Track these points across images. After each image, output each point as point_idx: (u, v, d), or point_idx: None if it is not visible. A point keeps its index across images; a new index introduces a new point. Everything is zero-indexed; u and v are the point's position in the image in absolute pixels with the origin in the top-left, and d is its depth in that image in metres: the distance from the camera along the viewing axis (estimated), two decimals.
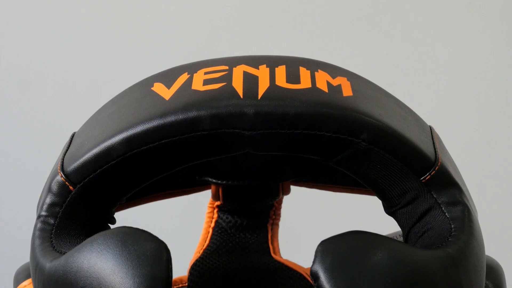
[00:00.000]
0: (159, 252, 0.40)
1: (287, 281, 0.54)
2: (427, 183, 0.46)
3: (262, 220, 0.60)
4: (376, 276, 0.39)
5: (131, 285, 0.39)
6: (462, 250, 0.43)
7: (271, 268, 0.56)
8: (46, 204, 0.48)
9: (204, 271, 0.55)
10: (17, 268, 0.53)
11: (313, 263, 0.39)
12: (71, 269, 0.41)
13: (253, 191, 0.58)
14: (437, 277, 0.40)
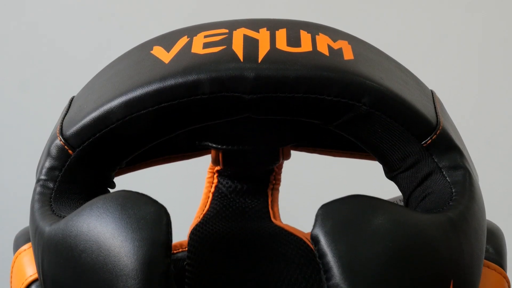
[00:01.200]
0: (159, 215, 0.40)
1: (287, 245, 0.54)
2: (428, 147, 0.46)
3: (262, 185, 0.60)
4: (377, 239, 0.38)
5: (131, 249, 0.39)
6: (463, 214, 0.42)
7: (271, 233, 0.56)
8: (45, 168, 0.47)
9: (204, 236, 0.55)
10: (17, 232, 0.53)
11: (313, 227, 0.39)
12: (70, 232, 0.41)
13: (253, 155, 0.58)
14: (438, 241, 0.40)
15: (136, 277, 0.38)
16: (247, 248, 0.54)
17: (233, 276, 0.52)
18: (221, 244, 0.54)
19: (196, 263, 0.53)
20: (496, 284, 0.46)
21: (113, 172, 0.49)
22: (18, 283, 0.49)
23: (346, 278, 0.38)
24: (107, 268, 0.39)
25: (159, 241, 0.39)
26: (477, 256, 0.43)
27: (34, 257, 0.46)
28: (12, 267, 0.50)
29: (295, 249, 0.54)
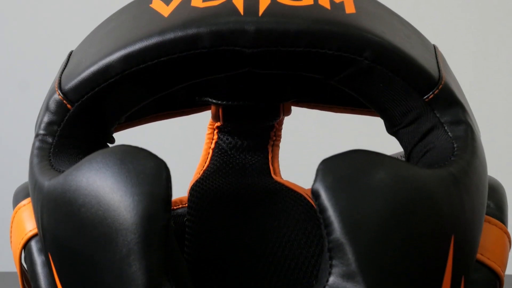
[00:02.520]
0: (159, 170, 0.40)
1: (288, 201, 0.54)
2: (430, 102, 0.46)
3: (262, 141, 0.60)
4: (378, 194, 0.38)
5: (130, 203, 0.39)
6: (464, 169, 0.42)
7: (271, 189, 0.56)
8: (44, 122, 0.47)
9: (204, 192, 0.55)
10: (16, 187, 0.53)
11: (314, 182, 0.39)
12: (69, 187, 0.41)
13: (253, 111, 0.58)
14: (439, 196, 0.40)
15: (136, 232, 0.38)
16: (247, 203, 0.54)
17: (233, 231, 0.52)
18: (221, 200, 0.54)
19: (196, 219, 0.53)
20: (497, 239, 0.46)
21: (113, 127, 0.49)
22: (17, 238, 0.49)
23: (347, 233, 0.37)
24: (106, 223, 0.39)
25: (158, 196, 0.39)
26: (478, 211, 0.43)
27: (33, 212, 0.46)
28: (12, 222, 0.50)
29: (295, 205, 0.54)
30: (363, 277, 0.37)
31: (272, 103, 0.58)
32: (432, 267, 0.39)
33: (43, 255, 0.46)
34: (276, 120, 0.59)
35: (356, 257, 0.37)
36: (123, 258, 0.38)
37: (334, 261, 0.38)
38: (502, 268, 0.46)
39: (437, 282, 0.39)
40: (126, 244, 0.38)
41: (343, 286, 0.37)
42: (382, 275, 0.37)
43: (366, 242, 0.37)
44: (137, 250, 0.38)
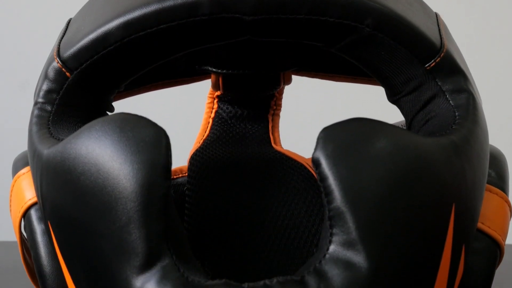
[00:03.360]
0: (158, 138, 0.39)
1: (288, 171, 0.54)
2: (431, 70, 0.45)
3: (262, 111, 0.59)
4: (378, 162, 0.38)
5: (130, 171, 0.38)
6: (466, 137, 0.42)
7: (272, 158, 0.55)
8: (43, 90, 0.47)
9: (204, 161, 0.54)
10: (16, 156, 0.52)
11: (314, 150, 0.39)
12: (69, 155, 0.41)
13: (253, 80, 0.57)
14: (440, 165, 0.40)
15: (135, 200, 0.38)
16: (247, 173, 0.54)
17: (233, 200, 0.52)
18: (221, 169, 0.54)
19: (196, 188, 0.53)
20: (498, 208, 0.46)
21: (112, 96, 0.48)
22: (17, 206, 0.49)
23: (348, 201, 0.37)
24: (106, 191, 0.39)
25: (158, 164, 0.39)
26: (480, 180, 0.43)
27: (32, 180, 0.46)
28: (11, 191, 0.50)
29: (295, 174, 0.54)
30: (364, 245, 0.37)
31: (272, 72, 0.57)
32: (433, 236, 0.39)
33: (43, 223, 0.46)
34: (277, 89, 0.58)
35: (357, 226, 0.37)
36: (122, 226, 0.38)
37: (335, 229, 0.37)
38: (503, 237, 0.45)
39: (438, 251, 0.39)
40: (125, 213, 0.38)
41: (344, 254, 0.37)
42: (383, 243, 0.37)
43: (367, 210, 0.37)
44: (137, 218, 0.38)
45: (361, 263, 0.37)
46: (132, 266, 0.38)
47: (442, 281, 0.39)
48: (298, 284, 0.37)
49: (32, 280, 0.53)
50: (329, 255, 0.37)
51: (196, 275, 0.38)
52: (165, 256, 0.38)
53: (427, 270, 0.39)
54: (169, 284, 0.37)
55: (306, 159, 0.56)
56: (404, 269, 0.38)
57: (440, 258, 0.39)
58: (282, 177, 0.54)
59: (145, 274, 0.37)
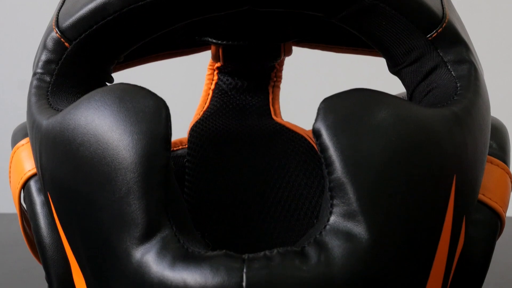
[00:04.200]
0: (158, 109, 0.39)
1: (288, 142, 0.54)
2: (433, 41, 0.45)
3: (263, 82, 0.59)
4: (380, 133, 0.38)
5: (130, 142, 0.38)
6: (467, 108, 0.42)
7: (272, 130, 0.55)
8: (42, 61, 0.47)
9: (204, 133, 0.54)
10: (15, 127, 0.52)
11: (315, 121, 0.38)
12: (68, 126, 0.40)
13: (254, 51, 0.57)
14: (441, 136, 0.39)
15: (135, 171, 0.38)
16: (248, 144, 0.54)
17: (233, 172, 0.52)
18: (221, 141, 0.54)
19: (196, 160, 0.52)
20: (499, 179, 0.46)
21: (111, 66, 0.48)
22: (16, 178, 0.48)
23: (348, 172, 0.37)
24: (105, 162, 0.38)
25: (158, 134, 0.38)
26: (481, 151, 0.42)
27: (32, 151, 0.46)
28: (11, 162, 0.50)
29: (296, 146, 0.53)
30: (364, 216, 0.37)
31: (273, 43, 0.57)
32: (434, 207, 0.39)
33: (42, 194, 0.46)
34: (277, 61, 0.58)
35: (358, 197, 0.37)
36: (122, 197, 0.38)
37: (335, 200, 0.37)
38: (504, 209, 0.45)
39: (439, 222, 0.39)
40: (125, 183, 0.38)
41: (344, 225, 0.37)
42: (384, 214, 0.37)
43: (367, 181, 0.37)
44: (137, 189, 0.38)
45: (361, 234, 0.37)
46: (131, 237, 0.38)
47: (442, 252, 0.39)
48: (298, 255, 0.36)
49: (32, 252, 0.53)
50: (330, 226, 0.37)
51: (196, 246, 0.38)
52: (165, 227, 0.38)
53: (428, 241, 0.38)
54: (169, 255, 0.37)
55: (306, 130, 0.56)
56: (405, 240, 0.37)
57: (441, 229, 0.39)
58: (283, 149, 0.53)
59: (144, 245, 0.37)
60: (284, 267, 0.36)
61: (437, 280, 0.40)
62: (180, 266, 0.36)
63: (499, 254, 0.63)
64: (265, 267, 0.36)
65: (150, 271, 0.37)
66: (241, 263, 0.36)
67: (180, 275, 0.36)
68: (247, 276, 0.36)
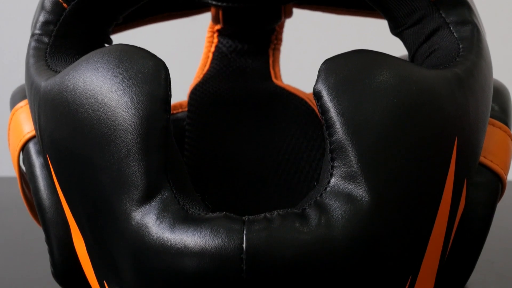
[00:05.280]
0: (157, 70, 0.39)
1: (288, 105, 0.53)
2: (435, 2, 0.44)
3: (263, 45, 0.59)
4: (381, 95, 0.37)
5: (129, 103, 0.38)
6: (470, 70, 0.41)
7: (272, 93, 0.55)
8: (40, 22, 0.46)
9: (204, 95, 0.54)
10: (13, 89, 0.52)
11: (316, 82, 0.38)
12: (66, 87, 0.40)
13: (254, 13, 0.57)
14: (443, 97, 0.39)
15: (135, 132, 0.38)
16: (248, 107, 0.54)
17: (233, 135, 0.52)
18: (221, 104, 0.54)
19: (196, 123, 0.52)
20: (501, 142, 0.46)
21: (110, 27, 0.47)
22: (15, 140, 0.48)
23: (349, 134, 0.37)
24: (104, 123, 0.38)
25: (157, 96, 0.38)
26: (483, 114, 0.42)
27: (30, 113, 0.45)
28: (9, 124, 0.49)
29: (296, 109, 0.53)
30: (365, 178, 0.36)
31: (273, 5, 0.56)
32: (435, 169, 0.38)
33: (41, 157, 0.46)
34: (277, 23, 0.58)
35: (359, 158, 0.37)
36: (121, 159, 0.38)
37: (336, 162, 0.37)
38: (505, 171, 0.45)
39: (440, 185, 0.39)
40: (125, 145, 0.38)
41: (345, 187, 0.37)
42: (385, 176, 0.37)
43: (369, 142, 0.37)
44: (136, 151, 0.37)
45: (362, 196, 0.36)
46: (131, 199, 0.37)
47: (443, 215, 0.39)
48: (298, 217, 0.36)
49: (32, 214, 0.53)
50: (330, 188, 0.37)
51: (196, 208, 0.37)
52: (164, 189, 0.37)
53: (429, 203, 0.38)
54: (168, 217, 0.37)
55: (307, 94, 0.55)
56: (406, 202, 0.37)
57: (442, 191, 0.39)
58: (283, 112, 0.53)
59: (144, 207, 0.37)
60: (284, 229, 0.36)
61: (437, 242, 0.40)
62: (180, 228, 0.36)
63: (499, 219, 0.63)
64: (265, 229, 0.36)
65: (150, 233, 0.37)
66: (241, 225, 0.36)
67: (180, 237, 0.36)
68: (247, 238, 0.36)
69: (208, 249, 0.36)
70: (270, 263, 0.35)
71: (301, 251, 0.35)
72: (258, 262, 0.35)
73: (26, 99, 0.48)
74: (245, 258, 0.35)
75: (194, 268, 0.36)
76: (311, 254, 0.36)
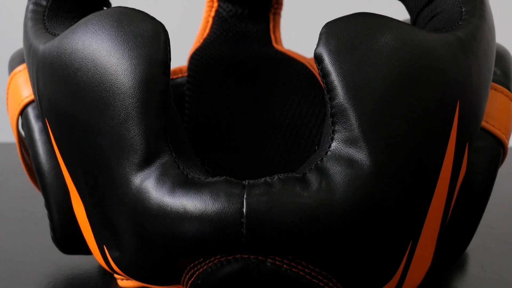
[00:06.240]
0: (157, 33, 0.38)
1: (289, 70, 0.53)
2: None
3: (263, 9, 0.58)
4: (383, 58, 0.37)
5: (128, 67, 0.38)
6: (472, 34, 0.41)
7: (273, 58, 0.55)
8: None
9: (204, 60, 0.54)
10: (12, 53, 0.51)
11: (317, 46, 0.38)
12: (65, 50, 0.40)
13: None
14: (446, 61, 0.39)
15: (134, 96, 0.37)
16: (248, 72, 0.53)
17: (233, 99, 0.51)
18: (222, 68, 0.53)
19: (196, 87, 0.52)
20: (503, 107, 0.45)
21: None
22: (14, 104, 0.48)
23: (350, 98, 0.36)
24: (103, 87, 0.38)
25: (157, 59, 0.38)
26: (485, 78, 0.42)
27: (29, 77, 0.45)
28: (8, 89, 0.49)
29: (297, 74, 0.53)
30: (367, 142, 0.36)
31: None
32: (437, 133, 0.38)
33: (40, 121, 0.46)
34: None
35: (360, 122, 0.36)
36: (121, 123, 0.37)
37: (337, 126, 0.37)
38: (507, 136, 0.45)
39: (441, 149, 0.38)
40: (124, 109, 0.37)
41: (346, 151, 0.36)
42: (386, 140, 0.36)
43: (370, 106, 0.36)
44: (136, 114, 0.37)
45: (363, 161, 0.36)
46: (131, 163, 0.37)
47: (444, 179, 0.39)
48: (299, 181, 0.36)
49: (31, 179, 0.53)
50: (331, 153, 0.37)
51: (196, 173, 0.37)
52: (164, 153, 0.37)
53: (430, 168, 0.38)
54: (168, 181, 0.36)
55: (308, 58, 0.55)
56: (407, 167, 0.37)
57: (443, 156, 0.38)
58: (283, 77, 0.53)
59: (144, 171, 0.37)
60: (284, 193, 0.36)
61: (438, 207, 0.39)
62: (180, 192, 0.36)
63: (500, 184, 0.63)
64: (266, 193, 0.36)
65: (149, 197, 0.37)
66: (242, 189, 0.36)
67: (179, 201, 0.36)
68: (247, 202, 0.35)
69: (208, 214, 0.35)
70: (270, 228, 0.35)
71: (301, 216, 0.35)
72: (258, 227, 0.35)
73: (25, 63, 0.48)
74: (245, 222, 0.35)
75: (194, 232, 0.36)
76: (312, 219, 0.35)
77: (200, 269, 0.38)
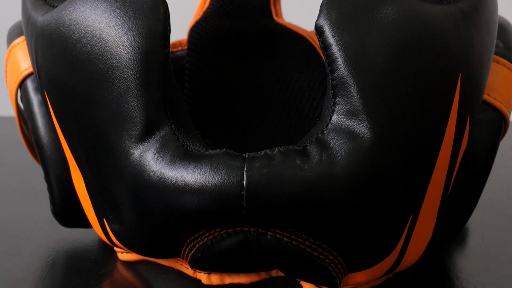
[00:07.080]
0: (156, 4, 0.38)
1: (290, 42, 0.53)
2: None
3: None
4: (384, 30, 0.37)
5: (127, 39, 0.37)
6: (474, 5, 0.40)
7: (273, 30, 0.54)
8: None
9: (204, 33, 0.53)
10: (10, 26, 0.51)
11: (318, 17, 0.37)
12: (64, 22, 0.39)
13: None
14: (447, 33, 0.38)
15: (133, 68, 0.37)
16: (248, 45, 0.53)
17: (234, 73, 0.51)
18: (222, 41, 0.53)
19: (196, 60, 0.52)
20: (505, 79, 0.45)
21: None
22: (13, 77, 0.48)
23: (351, 70, 0.36)
24: (102, 59, 0.38)
25: (156, 31, 0.37)
26: (487, 50, 0.41)
27: (27, 50, 0.45)
28: (6, 61, 0.49)
29: (297, 47, 0.52)
30: (368, 114, 0.36)
31: None
32: (438, 106, 0.38)
33: (39, 94, 0.45)
34: None
35: (361, 94, 0.36)
36: (120, 95, 0.37)
37: (338, 98, 0.36)
38: (508, 109, 0.45)
39: (443, 121, 0.38)
40: (123, 81, 0.37)
41: (347, 123, 0.36)
42: (387, 112, 0.36)
43: (371, 79, 0.36)
44: (135, 86, 0.37)
45: (364, 133, 0.36)
46: (130, 135, 0.37)
47: (446, 152, 0.39)
48: (300, 154, 0.36)
49: (31, 152, 0.53)
50: (332, 125, 0.36)
51: (196, 145, 0.37)
52: (164, 125, 0.37)
53: (432, 140, 0.38)
54: (168, 154, 0.36)
55: (308, 31, 0.55)
56: (408, 139, 0.37)
57: (445, 128, 0.38)
58: (284, 50, 0.53)
59: (143, 144, 0.37)
60: (285, 165, 0.35)
61: (439, 180, 0.39)
62: (180, 165, 0.36)
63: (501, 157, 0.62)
64: (266, 165, 0.35)
65: (149, 169, 0.36)
66: (242, 161, 0.36)
67: (179, 173, 0.36)
68: (248, 175, 0.35)
69: (208, 186, 0.35)
70: (270, 200, 0.35)
71: (301, 188, 0.35)
72: (259, 199, 0.35)
73: (23, 36, 0.47)
74: (245, 195, 0.35)
75: (194, 205, 0.36)
76: (312, 191, 0.35)
77: (200, 242, 0.38)
